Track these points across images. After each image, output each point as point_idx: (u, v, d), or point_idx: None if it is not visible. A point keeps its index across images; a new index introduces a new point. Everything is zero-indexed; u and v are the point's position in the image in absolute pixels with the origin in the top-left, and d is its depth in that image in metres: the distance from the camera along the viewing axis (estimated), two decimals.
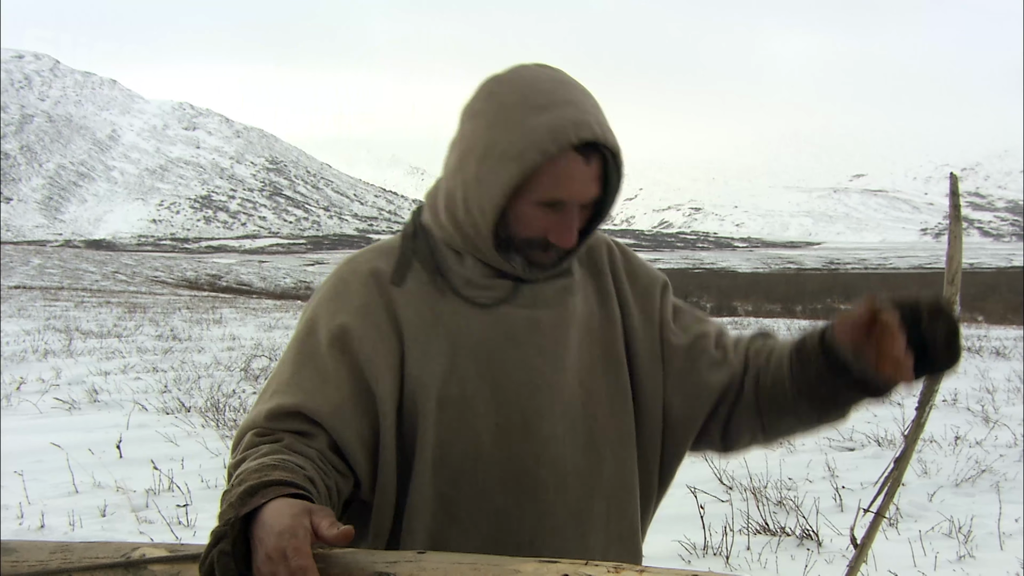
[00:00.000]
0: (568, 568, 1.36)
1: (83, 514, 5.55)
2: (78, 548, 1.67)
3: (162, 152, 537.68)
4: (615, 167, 1.63)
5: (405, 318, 1.68)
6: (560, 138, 1.54)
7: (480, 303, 1.69)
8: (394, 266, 1.73)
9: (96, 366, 11.86)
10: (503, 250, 1.66)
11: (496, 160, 1.58)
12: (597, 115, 1.60)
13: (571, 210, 1.62)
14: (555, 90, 1.60)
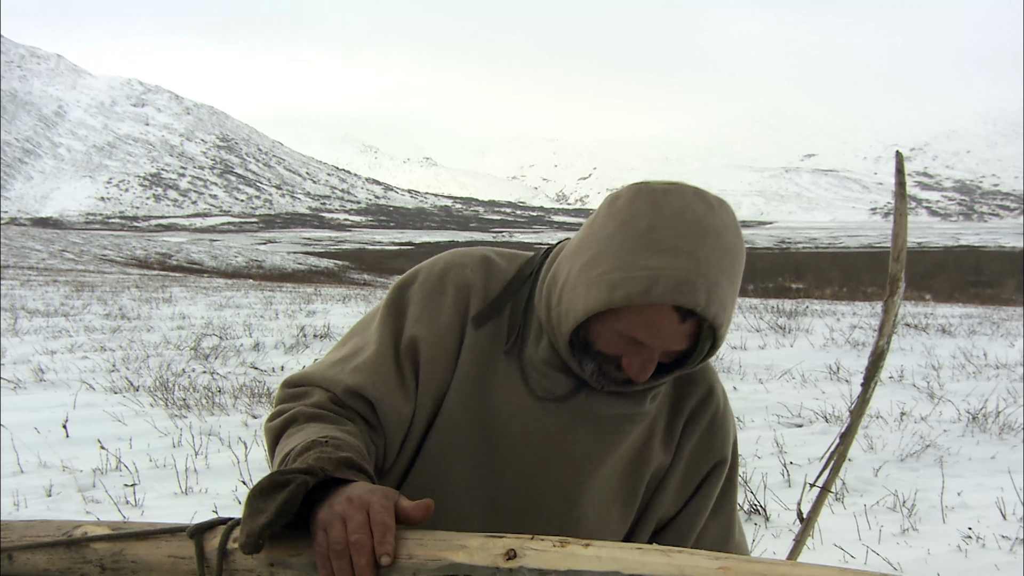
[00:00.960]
0: (514, 543, 1.36)
1: (28, 494, 5.47)
2: (18, 526, 1.64)
3: (110, 129, 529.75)
4: (711, 335, 1.53)
5: (465, 359, 1.66)
6: (653, 293, 1.45)
7: (530, 388, 1.65)
8: (487, 304, 1.69)
9: (42, 345, 11.68)
10: (579, 351, 1.59)
11: (593, 279, 1.50)
12: (713, 280, 1.46)
13: (652, 352, 1.54)
14: (685, 235, 1.47)
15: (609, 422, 1.67)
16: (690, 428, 1.77)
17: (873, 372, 2.26)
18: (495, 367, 1.66)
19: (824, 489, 2.30)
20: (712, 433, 1.79)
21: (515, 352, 1.67)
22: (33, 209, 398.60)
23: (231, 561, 1.47)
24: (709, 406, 1.78)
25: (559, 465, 1.66)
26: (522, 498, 1.67)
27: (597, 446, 1.67)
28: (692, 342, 1.54)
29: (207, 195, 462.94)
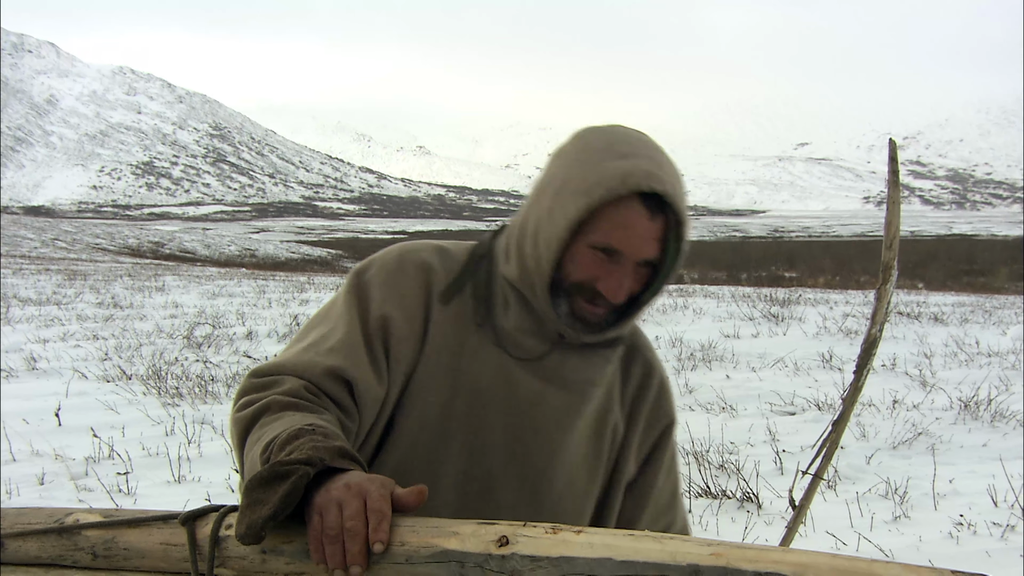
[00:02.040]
0: (507, 529, 1.36)
1: (20, 482, 5.46)
2: (9, 514, 1.64)
3: (102, 117, 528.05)
4: (676, 236, 1.63)
5: (433, 335, 1.70)
6: (629, 181, 1.55)
7: (509, 354, 1.71)
8: (449, 282, 1.74)
9: (34, 334, 11.66)
10: (554, 294, 1.65)
11: (569, 193, 1.59)
12: (674, 178, 1.61)
13: (626, 264, 1.62)
14: (641, 144, 1.63)
15: (576, 386, 1.74)
16: (642, 393, 1.86)
17: (866, 360, 2.26)
18: (467, 340, 1.71)
19: (816, 476, 2.30)
20: (662, 396, 1.90)
21: (487, 324, 1.72)
22: (25, 198, 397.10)
23: (223, 548, 1.47)
24: (655, 372, 1.89)
25: (531, 431, 1.71)
26: (495, 464, 1.71)
27: (566, 411, 1.73)
28: (660, 248, 1.62)
29: (200, 184, 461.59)
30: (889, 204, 2.17)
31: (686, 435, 6.57)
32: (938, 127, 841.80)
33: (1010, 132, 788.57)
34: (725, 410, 7.70)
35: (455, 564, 1.36)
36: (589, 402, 1.76)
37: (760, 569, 1.19)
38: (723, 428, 6.96)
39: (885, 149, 2.15)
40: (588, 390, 1.76)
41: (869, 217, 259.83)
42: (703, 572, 1.22)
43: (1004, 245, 70.51)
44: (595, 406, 1.78)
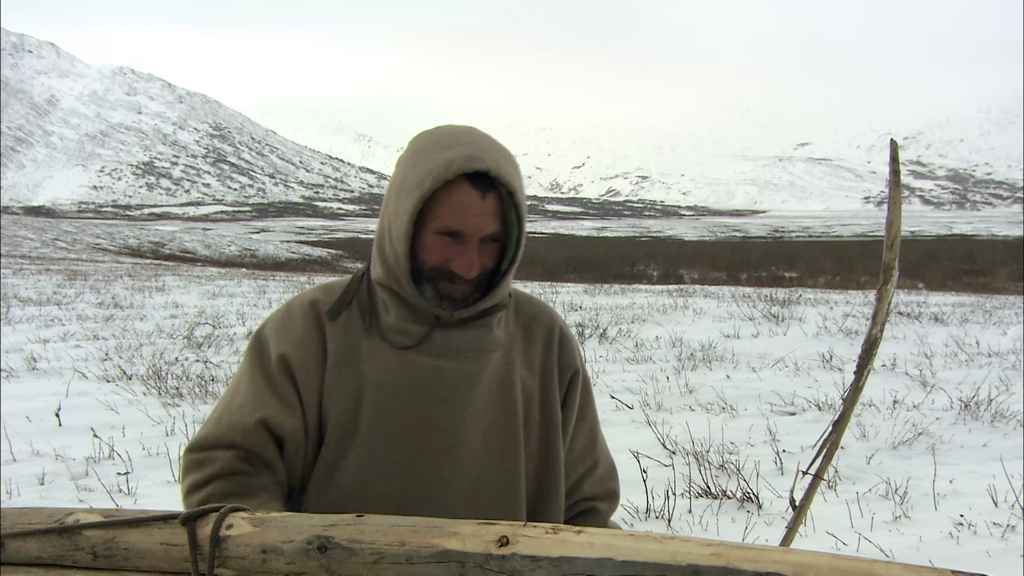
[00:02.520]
0: (507, 529, 1.37)
1: (20, 482, 5.46)
2: (10, 514, 1.64)
3: (102, 117, 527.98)
4: (513, 206, 1.78)
5: (331, 351, 1.87)
6: (452, 167, 1.71)
7: (394, 344, 1.86)
8: (334, 303, 1.92)
9: (35, 334, 11.67)
10: (417, 282, 1.82)
11: (405, 192, 1.77)
12: (497, 156, 1.76)
13: (471, 242, 1.77)
14: (463, 135, 1.79)
15: (468, 355, 1.88)
16: (546, 350, 2.01)
17: (866, 360, 2.26)
18: (360, 346, 1.87)
19: (817, 477, 2.30)
20: (564, 350, 2.04)
21: (374, 327, 1.89)
22: (25, 198, 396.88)
23: (224, 548, 1.47)
24: (555, 329, 2.04)
25: (435, 404, 1.85)
26: (411, 446, 1.84)
27: (463, 379, 1.87)
28: (501, 222, 1.78)
29: (200, 184, 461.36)
30: (890, 204, 2.17)
31: (686, 435, 6.57)
32: (938, 127, 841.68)
33: (1010, 132, 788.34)
34: (725, 410, 7.70)
35: (455, 564, 1.36)
36: (485, 367, 1.89)
37: (760, 569, 1.19)
38: (723, 428, 6.95)
39: (885, 149, 2.16)
40: (481, 356, 1.89)
41: (869, 217, 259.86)
42: (703, 572, 1.22)
43: (1004, 245, 70.49)
44: (494, 369, 1.91)
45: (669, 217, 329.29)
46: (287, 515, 1.51)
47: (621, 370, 9.63)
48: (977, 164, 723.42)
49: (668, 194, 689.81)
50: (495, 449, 1.88)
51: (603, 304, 17.03)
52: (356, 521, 1.46)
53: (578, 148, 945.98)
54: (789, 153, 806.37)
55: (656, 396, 8.16)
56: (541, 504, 1.97)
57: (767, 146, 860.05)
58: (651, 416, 7.33)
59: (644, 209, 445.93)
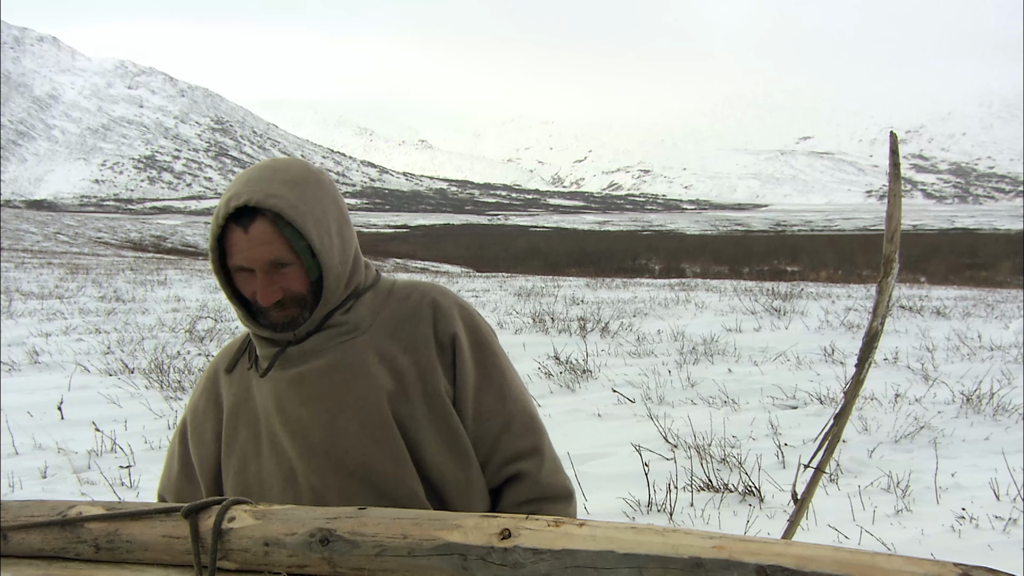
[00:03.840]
0: (509, 522, 1.37)
1: (23, 475, 5.47)
2: (12, 507, 1.64)
3: (104, 111, 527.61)
4: (286, 225, 1.85)
5: (226, 399, 2.02)
6: (219, 215, 1.84)
7: (259, 374, 1.98)
8: (231, 356, 2.08)
9: (37, 327, 11.67)
10: (255, 317, 1.95)
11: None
12: (264, 185, 1.84)
13: (258, 272, 1.87)
14: (239, 177, 1.89)
15: (323, 353, 1.95)
16: (416, 324, 2.02)
17: (867, 353, 2.26)
18: (250, 385, 2.01)
19: (818, 470, 2.30)
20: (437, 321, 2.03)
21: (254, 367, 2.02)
22: (27, 191, 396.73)
23: (226, 541, 1.47)
24: (424, 302, 2.05)
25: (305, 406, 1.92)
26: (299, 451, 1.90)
27: (325, 374, 1.94)
28: (282, 247, 1.86)
29: (202, 177, 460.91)
30: (890, 197, 2.17)
31: (688, 429, 6.57)
32: (940, 121, 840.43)
33: (1013, 126, 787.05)
34: (727, 404, 7.70)
35: (458, 557, 1.36)
36: (349, 353, 1.95)
37: (762, 562, 1.20)
38: (725, 422, 6.95)
39: (887, 143, 2.15)
40: (338, 347, 1.96)
41: (871, 211, 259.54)
42: (705, 565, 1.22)
43: (1006, 239, 70.44)
44: (358, 353, 1.96)
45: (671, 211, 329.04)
46: (289, 508, 1.51)
47: (623, 364, 9.63)
48: (979, 158, 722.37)
49: (670, 188, 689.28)
50: (371, 426, 1.91)
51: (605, 298, 17.03)
52: (358, 514, 1.46)
53: (580, 142, 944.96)
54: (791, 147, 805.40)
55: (658, 390, 8.16)
56: (448, 473, 1.94)
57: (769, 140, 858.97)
58: (653, 410, 7.33)
59: (646, 203, 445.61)
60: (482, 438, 1.99)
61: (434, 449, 1.94)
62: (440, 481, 1.94)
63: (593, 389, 8.35)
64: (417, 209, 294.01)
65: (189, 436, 2.06)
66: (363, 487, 1.85)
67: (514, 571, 1.32)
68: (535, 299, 16.81)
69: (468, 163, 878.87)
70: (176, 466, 2.09)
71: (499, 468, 2.00)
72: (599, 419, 7.25)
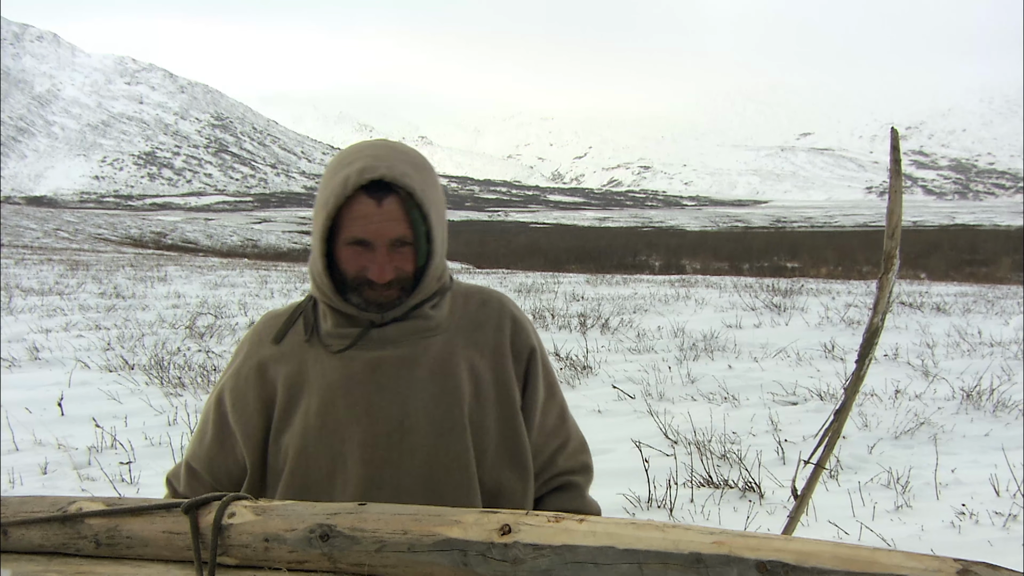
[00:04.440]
0: (509, 518, 1.37)
1: (23, 471, 5.48)
2: (12, 502, 1.64)
3: (104, 107, 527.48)
4: (415, 206, 1.85)
5: (279, 371, 1.98)
6: (349, 183, 1.80)
7: (333, 349, 1.95)
8: (280, 325, 2.04)
9: (37, 323, 11.68)
10: (342, 293, 1.92)
11: (315, 214, 1.89)
12: (395, 163, 1.84)
13: (379, 248, 1.86)
14: (363, 150, 1.88)
15: (406, 342, 1.95)
16: (497, 332, 2.06)
17: (867, 349, 2.26)
18: (306, 357, 1.97)
19: (818, 466, 2.30)
20: (517, 331, 2.09)
21: (315, 337, 1.99)
22: (27, 188, 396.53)
23: (226, 537, 1.47)
24: (507, 311, 2.10)
25: (376, 394, 1.92)
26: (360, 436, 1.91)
27: (403, 364, 1.94)
28: (407, 226, 1.86)
29: (202, 174, 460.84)
30: (891, 193, 2.17)
31: (688, 425, 6.58)
32: (941, 117, 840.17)
33: (1013, 122, 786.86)
34: (727, 400, 7.70)
35: (458, 553, 1.36)
36: (426, 351, 1.96)
37: (762, 557, 1.20)
38: (725, 418, 6.96)
39: (888, 139, 2.15)
40: (419, 341, 1.96)
41: (872, 207, 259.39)
42: (705, 560, 1.22)
43: (1007, 235, 70.44)
44: (436, 352, 1.97)
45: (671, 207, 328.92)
46: (289, 503, 1.51)
47: (623, 360, 9.63)
48: (979, 154, 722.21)
49: (670, 184, 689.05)
50: (443, 428, 1.93)
51: (605, 294, 17.03)
52: (358, 509, 1.46)
53: (580, 138, 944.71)
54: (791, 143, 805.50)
55: (658, 386, 8.16)
56: (506, 481, 2.00)
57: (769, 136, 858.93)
58: (653, 406, 7.33)
59: (646, 199, 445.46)
60: (540, 452, 2.09)
61: (496, 458, 1.99)
62: (496, 490, 1.99)
63: (593, 385, 8.35)
64: None
65: (229, 404, 2.01)
66: (419, 486, 1.88)
67: (514, 567, 1.32)
68: (535, 295, 16.80)
69: (468, 159, 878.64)
70: (210, 432, 2.04)
71: (549, 480, 2.12)
72: (599, 415, 7.25)
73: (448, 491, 1.88)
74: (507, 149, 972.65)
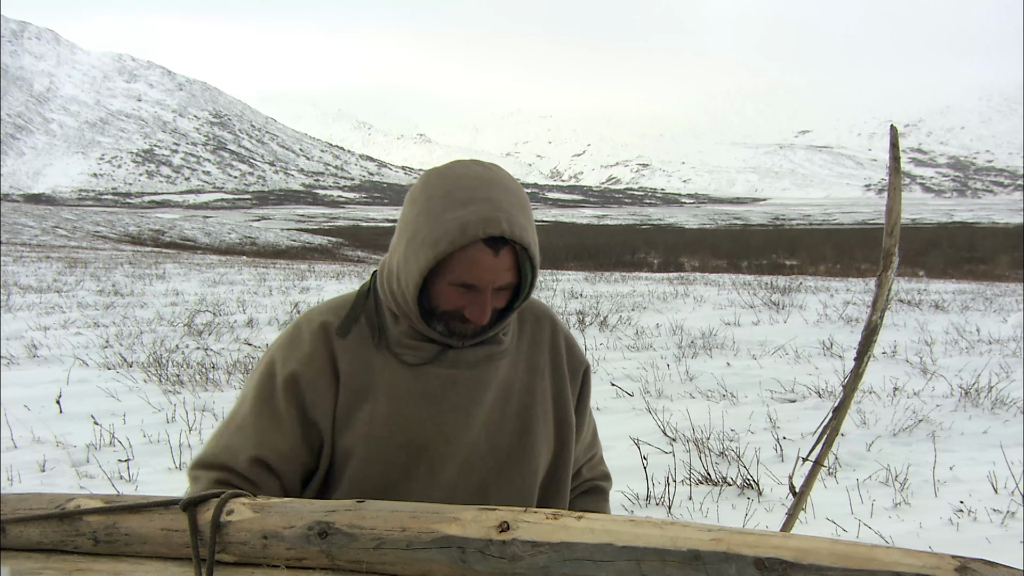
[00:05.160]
0: (507, 515, 1.37)
1: (21, 469, 5.47)
2: (11, 499, 1.64)
3: (102, 105, 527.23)
4: (528, 258, 1.82)
5: (343, 367, 1.91)
6: (468, 232, 1.74)
7: (406, 361, 1.91)
8: (343, 319, 1.95)
9: (35, 321, 11.67)
10: (427, 318, 1.88)
11: (418, 245, 1.79)
12: (512, 212, 1.78)
13: (484, 293, 1.82)
14: (477, 187, 1.79)
15: (479, 364, 1.95)
16: (555, 353, 2.10)
17: (866, 347, 2.26)
18: (373, 359, 1.92)
19: (817, 463, 2.30)
20: (572, 349, 2.16)
21: (383, 343, 1.93)
22: (25, 185, 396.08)
23: (225, 534, 1.47)
24: (560, 330, 2.14)
25: (450, 413, 1.91)
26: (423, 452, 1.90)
27: (475, 386, 1.94)
28: (515, 273, 1.84)
29: (200, 172, 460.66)
30: (890, 190, 2.17)
31: (687, 422, 6.58)
32: (939, 114, 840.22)
33: (1011, 119, 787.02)
34: (726, 397, 7.70)
35: (456, 550, 1.36)
36: (495, 374, 1.96)
37: (761, 554, 1.20)
38: (724, 415, 6.96)
39: (886, 137, 2.15)
40: (490, 365, 1.96)
41: (870, 205, 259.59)
42: (703, 557, 1.22)
43: (1005, 233, 70.51)
44: (503, 375, 1.98)
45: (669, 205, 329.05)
46: (288, 500, 1.51)
47: (621, 357, 9.63)
48: (978, 152, 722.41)
49: (669, 182, 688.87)
50: (502, 452, 1.96)
51: (603, 292, 17.03)
52: (356, 507, 1.46)
53: (579, 136, 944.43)
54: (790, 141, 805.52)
55: (656, 383, 8.16)
56: (550, 501, 2.05)
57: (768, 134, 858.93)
58: (651, 403, 7.33)
59: (644, 197, 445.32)
60: (576, 462, 2.19)
61: (548, 478, 2.05)
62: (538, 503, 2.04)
63: (592, 383, 8.35)
64: None
65: (308, 393, 1.90)
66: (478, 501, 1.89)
67: (512, 564, 1.32)
68: (534, 293, 16.77)
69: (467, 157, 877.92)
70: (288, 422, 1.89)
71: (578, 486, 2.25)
72: (597, 412, 7.25)
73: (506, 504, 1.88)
74: (506, 147, 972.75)
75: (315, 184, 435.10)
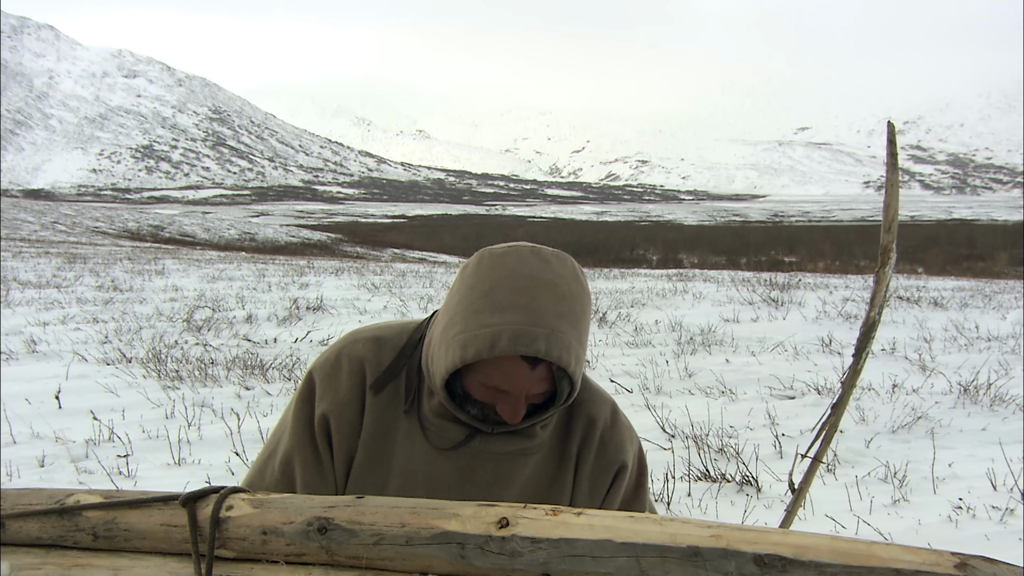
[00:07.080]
0: (507, 511, 1.37)
1: (20, 464, 5.47)
2: (10, 495, 1.64)
3: (102, 100, 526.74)
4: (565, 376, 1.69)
5: (367, 424, 1.84)
6: (498, 347, 1.62)
7: (430, 440, 1.83)
8: (383, 371, 1.86)
9: (34, 316, 11.66)
10: (461, 400, 1.77)
11: (450, 340, 1.69)
12: (556, 327, 1.63)
13: (520, 398, 1.71)
14: (523, 290, 1.65)
15: (506, 458, 1.84)
16: (584, 450, 1.93)
17: (865, 344, 2.26)
18: (397, 426, 1.84)
19: (816, 460, 2.31)
20: (604, 447, 1.95)
21: (414, 410, 1.84)
22: (24, 181, 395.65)
23: (224, 529, 1.47)
24: (596, 426, 1.94)
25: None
26: None
27: (496, 482, 1.84)
28: (551, 383, 1.71)
29: (199, 167, 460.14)
30: (888, 187, 2.17)
31: (686, 419, 6.58)
32: (938, 111, 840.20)
33: (1011, 116, 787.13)
34: (724, 394, 7.71)
35: (456, 546, 1.36)
36: (521, 470, 1.86)
37: (760, 551, 1.20)
38: (722, 412, 6.96)
39: (885, 133, 2.14)
40: (518, 459, 1.85)
41: (869, 202, 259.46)
42: (703, 554, 1.22)
43: (1004, 230, 70.48)
44: (528, 475, 1.87)
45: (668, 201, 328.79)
46: (287, 496, 1.51)
47: (620, 354, 9.63)
48: (977, 149, 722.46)
49: (668, 178, 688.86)
50: None
51: (603, 288, 17.02)
52: (356, 503, 1.46)
53: (578, 132, 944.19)
54: (789, 137, 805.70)
55: (655, 380, 8.16)
56: None
57: (767, 130, 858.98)
58: (650, 400, 7.33)
59: (644, 193, 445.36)
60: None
61: None
62: None
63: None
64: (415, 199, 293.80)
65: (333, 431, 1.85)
66: None
67: (512, 560, 1.32)
68: None
69: (466, 153, 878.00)
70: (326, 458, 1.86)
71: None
72: None
73: None
74: (505, 143, 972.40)
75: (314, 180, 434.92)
